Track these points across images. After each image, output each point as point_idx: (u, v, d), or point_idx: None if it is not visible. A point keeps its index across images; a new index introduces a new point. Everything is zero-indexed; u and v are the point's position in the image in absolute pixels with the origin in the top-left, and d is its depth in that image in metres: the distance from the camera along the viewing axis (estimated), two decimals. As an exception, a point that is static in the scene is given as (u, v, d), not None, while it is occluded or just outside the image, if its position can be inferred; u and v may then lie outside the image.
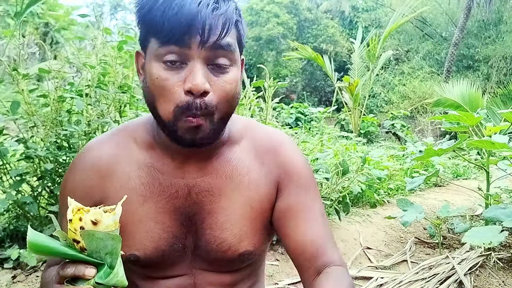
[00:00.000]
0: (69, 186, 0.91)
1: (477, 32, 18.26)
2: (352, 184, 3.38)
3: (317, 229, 0.92)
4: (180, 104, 0.75)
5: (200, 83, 0.73)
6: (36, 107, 2.57)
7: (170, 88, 0.76)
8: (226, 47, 0.76)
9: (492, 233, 2.42)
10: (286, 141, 0.99)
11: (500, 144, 2.47)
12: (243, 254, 0.92)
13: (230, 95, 0.80)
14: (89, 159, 0.91)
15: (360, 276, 2.61)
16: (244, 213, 0.91)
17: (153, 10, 0.74)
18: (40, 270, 2.35)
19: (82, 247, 0.61)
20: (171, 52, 0.74)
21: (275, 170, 0.94)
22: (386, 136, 12.58)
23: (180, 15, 0.71)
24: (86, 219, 0.59)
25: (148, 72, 0.79)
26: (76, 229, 0.59)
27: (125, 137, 0.93)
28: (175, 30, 0.72)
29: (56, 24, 11.38)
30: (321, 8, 23.66)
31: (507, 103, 9.04)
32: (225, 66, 0.78)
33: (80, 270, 0.60)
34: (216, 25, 0.74)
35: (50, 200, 2.68)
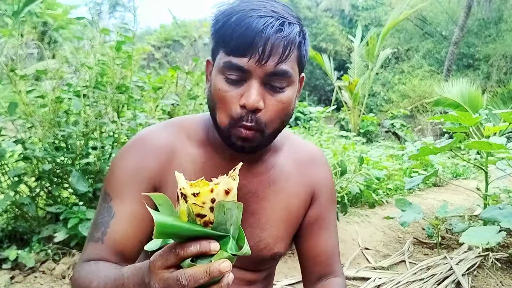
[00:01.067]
0: (129, 167, 0.91)
1: (477, 30, 18.26)
2: (350, 184, 3.38)
3: (332, 240, 1.06)
4: (234, 116, 0.83)
5: (254, 101, 0.80)
6: (34, 107, 2.57)
7: (228, 100, 0.83)
8: (283, 74, 0.82)
9: (490, 233, 2.42)
10: (321, 156, 1.10)
11: (498, 145, 2.47)
12: (275, 254, 1.00)
13: (282, 114, 0.86)
14: (149, 144, 0.94)
15: (358, 276, 2.61)
16: (282, 216, 1.00)
17: (226, 25, 0.81)
18: (38, 270, 2.35)
19: (206, 221, 0.57)
20: (233, 69, 0.81)
21: (311, 182, 1.04)
22: (385, 135, 12.59)
23: (246, 32, 0.78)
24: (219, 189, 0.57)
25: (213, 82, 0.87)
26: (205, 202, 0.56)
27: (178, 130, 0.98)
28: (239, 45, 0.79)
29: (54, 23, 11.37)
30: (320, 7, 23.66)
31: (507, 103, 9.04)
32: (281, 87, 0.84)
33: (206, 246, 0.56)
34: (277, 47, 0.80)
35: (48, 200, 2.68)
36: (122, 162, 0.93)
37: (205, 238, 0.58)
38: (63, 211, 2.44)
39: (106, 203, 0.90)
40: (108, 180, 0.93)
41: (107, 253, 0.86)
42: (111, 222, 0.87)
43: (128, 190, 0.89)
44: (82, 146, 2.55)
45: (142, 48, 11.01)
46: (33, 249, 2.41)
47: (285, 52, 0.80)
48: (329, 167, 1.12)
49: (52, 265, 2.37)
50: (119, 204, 0.89)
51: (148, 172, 0.91)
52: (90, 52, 2.84)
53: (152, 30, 24.74)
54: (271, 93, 0.83)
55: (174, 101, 3.08)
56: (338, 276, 1.05)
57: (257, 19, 0.79)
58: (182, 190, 0.57)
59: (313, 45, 19.71)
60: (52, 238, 2.41)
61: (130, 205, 0.88)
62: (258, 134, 0.85)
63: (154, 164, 0.92)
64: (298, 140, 1.10)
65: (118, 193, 0.89)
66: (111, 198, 0.90)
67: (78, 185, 2.31)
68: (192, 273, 0.55)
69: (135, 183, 0.90)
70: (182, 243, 0.57)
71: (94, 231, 0.89)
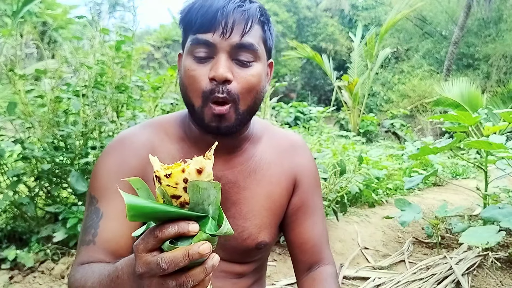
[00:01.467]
0: (111, 168, 0.92)
1: (477, 30, 18.25)
2: (350, 184, 3.38)
3: (319, 227, 1.06)
4: (205, 90, 0.84)
5: (222, 71, 0.82)
6: (33, 107, 2.57)
7: (197, 77, 0.85)
8: (249, 46, 0.85)
9: (490, 233, 2.42)
10: (302, 142, 1.12)
11: (497, 145, 2.47)
12: (260, 244, 1.00)
13: (253, 88, 0.88)
14: (129, 144, 0.95)
15: (357, 276, 2.61)
16: (265, 204, 1.00)
17: (191, 10, 0.86)
18: (37, 270, 2.35)
19: (182, 202, 0.56)
20: (199, 45, 0.84)
21: (292, 169, 1.05)
22: (385, 135, 12.58)
23: (209, 11, 0.83)
24: (190, 169, 0.55)
25: (182, 66, 0.89)
26: (177, 183, 0.55)
27: (157, 129, 0.99)
28: (203, 22, 0.83)
29: (54, 23, 11.36)
30: (320, 7, 23.66)
31: (506, 102, 9.04)
32: (249, 61, 0.87)
33: (184, 227, 0.55)
34: (239, 21, 0.84)
35: (47, 200, 2.68)
36: (103, 164, 0.94)
37: (184, 220, 0.56)
38: (62, 211, 2.44)
39: (93, 206, 0.90)
40: (92, 183, 0.93)
41: (101, 254, 0.85)
42: (100, 223, 0.87)
43: (113, 189, 0.89)
44: (81, 146, 2.55)
45: (141, 48, 11.02)
46: (32, 249, 2.41)
47: (247, 25, 0.84)
48: (310, 153, 1.13)
49: (51, 265, 2.37)
50: (106, 204, 0.89)
51: (130, 169, 0.92)
52: (89, 52, 2.83)
53: (151, 30, 24.74)
54: (239, 67, 0.86)
55: (173, 101, 3.07)
56: (327, 263, 1.05)
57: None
58: (156, 173, 0.56)
59: (312, 45, 19.71)
60: (51, 238, 2.41)
61: (117, 202, 0.89)
62: (231, 109, 0.86)
63: (135, 162, 0.93)
64: (277, 129, 1.12)
65: (103, 194, 0.90)
66: (97, 200, 0.90)
67: (77, 185, 2.31)
68: (172, 256, 0.54)
69: (118, 181, 0.89)
70: (160, 225, 0.56)
71: (84, 235, 0.88)
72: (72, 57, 2.72)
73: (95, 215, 0.88)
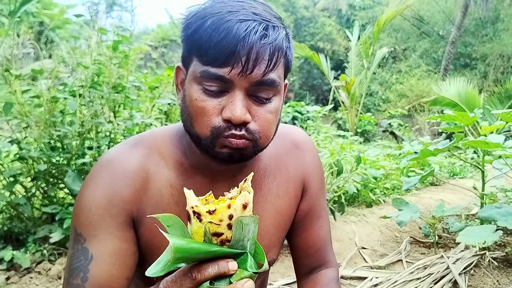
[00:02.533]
0: (99, 201, 0.79)
1: (474, 30, 18.28)
2: (347, 184, 3.38)
3: (324, 229, 1.01)
4: (217, 126, 0.73)
5: (240, 114, 0.70)
6: (30, 107, 2.56)
7: (208, 111, 0.73)
8: (271, 83, 0.73)
9: (487, 232, 2.43)
10: (306, 140, 1.01)
11: (495, 144, 2.47)
12: (269, 263, 0.92)
13: (272, 124, 0.78)
14: (119, 171, 0.82)
15: (355, 276, 2.61)
16: (274, 222, 0.92)
17: (200, 31, 0.71)
18: (34, 271, 2.34)
19: (223, 239, 0.53)
20: (212, 79, 0.71)
21: (299, 172, 0.96)
22: (383, 135, 12.60)
23: (225, 40, 0.68)
24: (237, 205, 0.52)
25: (187, 92, 0.76)
26: (222, 220, 0.52)
27: (149, 150, 0.86)
28: (218, 54, 0.69)
29: (51, 23, 11.34)
30: (318, 6, 23.66)
31: (503, 102, 9.06)
32: (268, 98, 0.76)
33: (224, 267, 0.52)
34: (263, 54, 0.70)
35: (44, 201, 2.67)
36: (90, 194, 0.80)
37: (221, 258, 0.53)
38: (59, 211, 2.44)
39: (80, 245, 0.79)
40: (77, 217, 0.80)
41: None
42: (90, 266, 0.77)
43: (103, 226, 0.78)
44: (78, 146, 2.54)
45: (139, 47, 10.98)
46: (29, 249, 2.40)
47: (272, 61, 0.71)
48: (316, 149, 1.03)
49: (47, 266, 2.37)
50: (96, 244, 0.78)
51: (122, 203, 0.80)
52: (86, 51, 2.83)
53: (149, 30, 24.71)
54: (257, 104, 0.75)
55: (170, 101, 3.07)
56: (330, 266, 1.01)
57: (237, 23, 0.69)
58: (195, 209, 0.52)
59: (310, 45, 19.70)
60: (48, 239, 2.40)
61: (109, 242, 0.78)
62: (251, 144, 0.75)
63: (127, 193, 0.80)
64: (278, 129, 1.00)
65: (92, 232, 0.78)
66: (84, 238, 0.79)
67: (73, 185, 2.31)
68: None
69: (110, 217, 0.79)
70: (198, 266, 0.53)
71: (71, 278, 0.77)
72: (69, 57, 2.71)
73: (83, 256, 0.77)
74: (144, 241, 0.82)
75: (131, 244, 0.81)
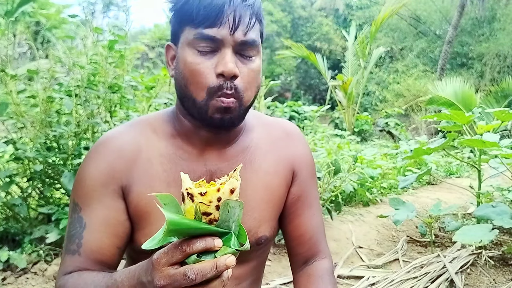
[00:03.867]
0: (94, 173, 0.88)
1: (471, 29, 18.32)
2: (344, 183, 3.38)
3: (316, 218, 1.05)
4: (212, 86, 0.82)
5: (231, 67, 0.81)
6: (25, 107, 2.55)
7: (203, 72, 0.82)
8: (252, 42, 0.84)
9: (483, 231, 2.43)
10: (296, 131, 1.09)
11: (491, 143, 2.47)
12: (260, 238, 0.97)
13: (255, 82, 0.88)
14: (113, 146, 0.91)
15: (352, 275, 2.61)
16: (264, 197, 0.97)
17: (189, 1, 0.82)
18: (30, 272, 2.34)
19: (211, 219, 0.60)
20: (204, 40, 0.81)
21: (289, 157, 1.02)
22: (380, 134, 12.61)
23: (213, 3, 0.80)
24: (225, 189, 0.59)
25: (181, 58, 0.85)
26: (211, 201, 0.59)
27: (143, 127, 0.95)
28: (209, 15, 0.80)
29: (47, 23, 11.30)
30: (315, 6, 23.67)
31: (500, 101, 9.09)
32: (251, 56, 0.86)
33: (210, 242, 0.59)
34: (244, 15, 0.82)
35: (40, 201, 2.66)
36: (87, 169, 0.90)
37: (209, 235, 0.60)
38: (55, 211, 2.43)
39: (76, 214, 0.87)
40: (75, 189, 0.90)
41: (87, 264, 0.84)
42: (84, 233, 0.85)
43: (95, 196, 0.87)
44: (74, 146, 2.53)
45: (136, 47, 10.94)
46: (25, 250, 2.39)
47: (251, 21, 0.83)
48: (306, 141, 1.11)
49: (44, 266, 2.36)
50: (89, 213, 0.86)
51: (114, 173, 0.88)
52: (82, 51, 2.82)
53: (146, 30, 24.67)
54: (243, 62, 0.85)
55: (167, 100, 3.06)
56: (324, 257, 1.05)
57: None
58: (189, 190, 0.59)
59: (307, 45, 19.71)
60: (44, 239, 2.39)
61: (100, 211, 0.87)
62: (236, 102, 0.84)
63: (119, 165, 0.89)
64: (270, 118, 1.10)
65: (86, 202, 0.87)
66: (80, 208, 0.87)
67: (69, 186, 2.30)
68: (200, 267, 0.57)
69: (102, 188, 0.87)
70: (187, 240, 0.59)
71: (68, 243, 0.87)
72: (65, 57, 2.70)
73: (78, 224, 0.86)
74: (133, 207, 0.89)
75: (120, 213, 0.88)
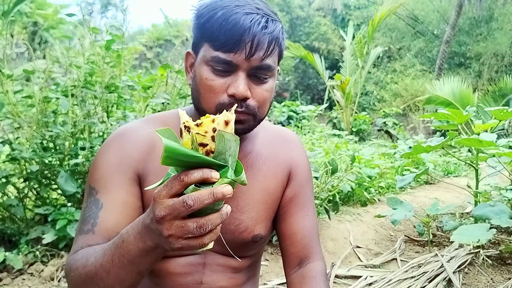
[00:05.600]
0: (111, 159, 0.93)
1: (469, 29, 18.35)
2: (342, 183, 3.38)
3: (310, 219, 1.08)
4: (222, 102, 0.87)
5: (243, 90, 0.85)
6: (22, 107, 2.54)
7: (215, 89, 0.87)
8: (268, 68, 0.89)
9: (480, 231, 2.43)
10: (295, 137, 1.17)
11: (488, 142, 2.47)
12: (256, 236, 1.02)
13: (267, 101, 0.93)
14: (130, 137, 0.96)
15: (349, 275, 2.61)
16: (261, 198, 1.04)
17: (212, 21, 0.85)
18: (27, 273, 2.32)
19: (208, 150, 0.61)
20: (221, 63, 0.86)
21: (286, 161, 1.09)
22: (378, 134, 12.62)
23: (234, 30, 0.83)
24: (219, 120, 0.61)
25: (197, 72, 0.91)
26: (207, 131, 0.61)
27: (158, 123, 1.00)
28: (228, 41, 0.83)
29: (45, 23, 11.28)
30: (313, 6, 23.67)
31: (497, 100, 9.11)
32: (265, 79, 0.91)
33: (207, 173, 0.60)
34: (263, 42, 0.86)
35: (36, 202, 2.65)
36: (104, 156, 0.94)
37: (206, 167, 0.61)
38: (52, 212, 2.42)
39: (92, 197, 0.90)
40: (92, 174, 0.93)
41: (100, 241, 0.84)
42: (100, 213, 0.87)
43: (114, 180, 0.91)
44: (70, 147, 2.52)
45: (134, 47, 10.91)
46: (21, 251, 2.38)
47: (269, 48, 0.87)
48: (303, 147, 1.18)
49: (40, 267, 2.35)
50: (106, 195, 0.89)
51: (131, 161, 0.93)
52: (80, 51, 2.81)
53: (144, 30, 24.64)
54: (256, 83, 0.89)
55: (164, 100, 3.05)
56: (317, 259, 1.06)
57: (244, 15, 0.84)
58: (186, 123, 0.61)
59: (305, 45, 19.71)
60: (41, 240, 2.38)
61: (118, 194, 0.90)
62: (250, 117, 0.90)
63: (136, 154, 0.94)
64: (272, 126, 1.17)
65: (104, 185, 0.90)
66: (97, 191, 0.90)
67: (66, 186, 2.29)
68: (198, 194, 0.59)
69: (120, 173, 0.91)
70: (185, 171, 0.61)
71: (83, 225, 0.88)
72: (62, 57, 2.69)
73: (95, 205, 0.88)
74: (147, 197, 0.93)
75: (136, 199, 0.92)
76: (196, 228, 0.60)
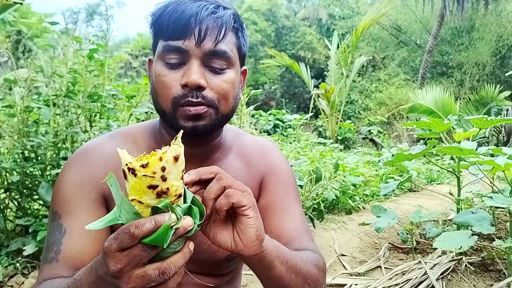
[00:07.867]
0: (73, 181, 0.88)
1: (451, 39, 18.69)
2: (326, 191, 3.39)
3: (296, 222, 1.00)
4: (176, 95, 0.83)
5: (195, 77, 0.81)
6: (3, 117, 2.51)
7: (169, 83, 0.84)
8: (222, 53, 0.85)
9: (463, 237, 2.45)
10: (271, 146, 1.12)
11: (468, 150, 2.51)
12: (230, 255, 0.96)
13: (228, 94, 0.87)
14: (93, 155, 0.91)
15: (334, 283, 2.61)
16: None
17: (163, 15, 0.84)
18: (7, 285, 2.28)
19: (159, 192, 0.55)
20: (171, 51, 0.83)
21: (260, 170, 1.05)
22: (363, 142, 12.71)
23: (181, 17, 0.81)
24: (168, 157, 0.55)
25: (153, 71, 0.88)
26: (155, 172, 0.54)
27: (124, 138, 0.96)
28: (176, 28, 0.82)
29: (28, 32, 11.17)
30: (298, 16, 23.91)
31: (479, 109, 9.27)
32: (222, 68, 0.86)
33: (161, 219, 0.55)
34: (212, 28, 0.83)
35: (17, 213, 2.61)
36: (65, 177, 0.89)
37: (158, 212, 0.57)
38: (33, 223, 2.38)
39: (55, 222, 0.86)
40: (54, 197, 0.89)
41: (64, 271, 0.80)
42: (63, 239, 0.83)
43: (76, 203, 0.86)
44: (52, 157, 2.49)
45: (119, 56, 10.86)
46: (1, 263, 2.34)
47: (220, 32, 0.84)
48: (280, 154, 1.13)
49: (20, 279, 2.30)
50: (69, 219, 0.85)
51: (95, 181, 0.87)
52: (63, 60, 2.79)
53: (130, 39, 24.56)
54: (212, 74, 0.85)
55: (148, 109, 3.05)
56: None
57: (192, 3, 0.83)
58: (129, 165, 0.54)
59: (291, 54, 19.87)
60: (21, 252, 2.34)
61: (81, 218, 0.85)
62: (212, 110, 0.85)
63: (100, 173, 0.87)
64: (248, 137, 1.12)
65: (66, 209, 0.86)
66: (59, 215, 0.86)
67: (47, 197, 2.26)
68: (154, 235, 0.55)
69: (82, 195, 0.86)
70: (136, 222, 0.54)
71: (47, 253, 0.83)
72: (46, 66, 2.67)
73: (58, 231, 0.84)
74: None
75: None
76: (158, 275, 0.55)
